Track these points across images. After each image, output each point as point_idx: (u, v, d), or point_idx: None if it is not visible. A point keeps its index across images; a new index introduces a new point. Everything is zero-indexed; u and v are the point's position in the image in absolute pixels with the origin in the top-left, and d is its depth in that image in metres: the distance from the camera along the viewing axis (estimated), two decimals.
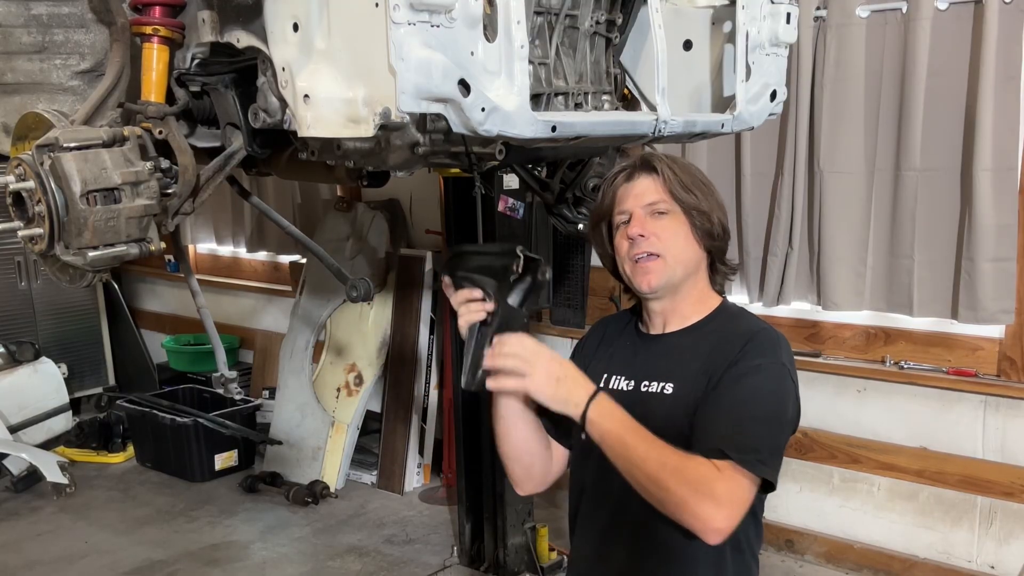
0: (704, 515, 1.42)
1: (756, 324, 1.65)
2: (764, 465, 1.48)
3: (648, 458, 1.46)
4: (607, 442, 1.48)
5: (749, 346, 1.57)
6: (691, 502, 1.43)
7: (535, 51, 1.75)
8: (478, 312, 1.55)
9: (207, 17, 1.67)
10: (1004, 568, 3.31)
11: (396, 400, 4.63)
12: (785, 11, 1.92)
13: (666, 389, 1.62)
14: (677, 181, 1.61)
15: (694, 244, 1.62)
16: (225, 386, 2.02)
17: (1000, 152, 3.04)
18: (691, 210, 1.61)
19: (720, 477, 1.44)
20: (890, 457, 3.48)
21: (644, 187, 1.62)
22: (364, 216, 4.73)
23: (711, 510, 1.42)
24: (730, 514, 1.44)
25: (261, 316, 5.69)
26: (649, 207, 1.61)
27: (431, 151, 1.56)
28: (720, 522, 1.43)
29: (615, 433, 1.48)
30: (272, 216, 2.26)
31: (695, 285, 1.66)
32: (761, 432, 1.50)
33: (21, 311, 5.58)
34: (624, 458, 1.47)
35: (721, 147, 3.58)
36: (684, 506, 1.43)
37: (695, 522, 1.43)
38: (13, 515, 4.42)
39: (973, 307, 3.17)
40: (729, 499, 1.44)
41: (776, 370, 1.57)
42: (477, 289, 1.56)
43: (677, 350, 1.65)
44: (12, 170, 1.59)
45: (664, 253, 1.60)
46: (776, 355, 1.58)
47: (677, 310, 1.66)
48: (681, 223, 1.61)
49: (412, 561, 3.89)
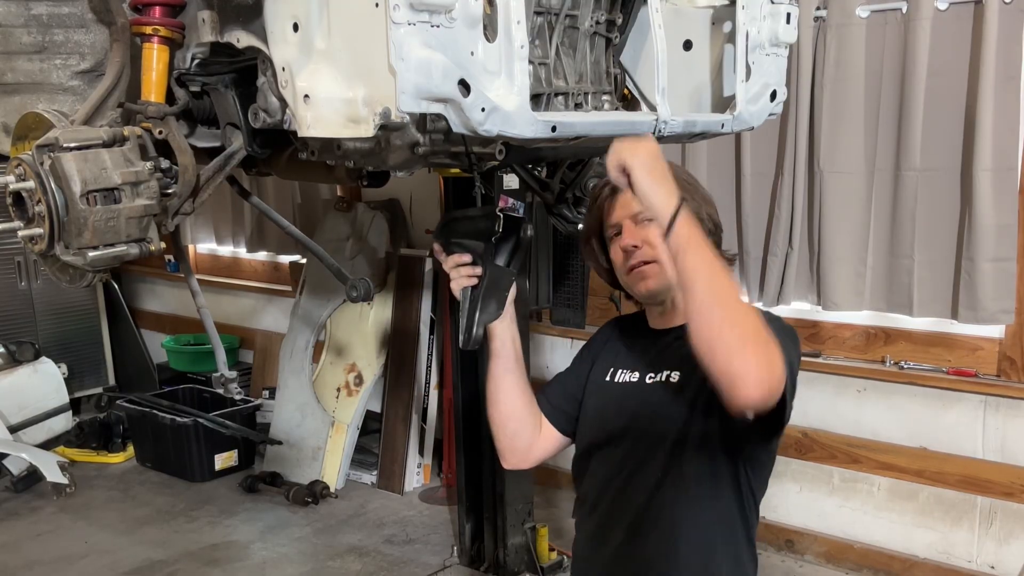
0: (762, 363, 1.33)
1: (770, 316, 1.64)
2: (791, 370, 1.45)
3: (729, 283, 1.39)
4: (690, 251, 1.37)
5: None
6: (755, 346, 1.33)
7: (535, 51, 1.75)
8: (468, 276, 1.61)
9: (207, 17, 1.67)
10: (1004, 568, 3.31)
11: (396, 400, 4.63)
12: (785, 11, 1.92)
13: (672, 377, 1.65)
14: None
15: None
16: (225, 386, 2.02)
17: (1000, 152, 3.05)
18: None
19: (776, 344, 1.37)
20: (890, 457, 3.48)
21: (628, 197, 1.61)
22: (364, 216, 4.73)
23: (766, 363, 1.34)
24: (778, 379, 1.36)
25: (261, 316, 5.69)
26: (637, 216, 1.65)
27: (431, 151, 1.56)
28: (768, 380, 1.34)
29: (701, 244, 1.38)
30: (272, 216, 2.25)
31: None
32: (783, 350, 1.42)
33: (21, 311, 5.58)
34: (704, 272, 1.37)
35: (721, 147, 3.58)
36: (746, 345, 1.33)
37: (750, 367, 1.32)
38: (13, 515, 4.42)
39: (973, 307, 3.17)
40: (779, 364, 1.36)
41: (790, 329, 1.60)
42: (466, 253, 1.62)
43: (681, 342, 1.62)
44: (12, 170, 1.59)
45: (659, 258, 1.63)
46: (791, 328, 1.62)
47: (679, 307, 1.69)
48: None
49: (412, 561, 3.89)
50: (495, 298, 1.63)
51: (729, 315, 1.35)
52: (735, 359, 1.33)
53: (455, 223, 1.68)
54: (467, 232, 1.64)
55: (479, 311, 1.62)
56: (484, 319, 1.63)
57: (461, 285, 1.62)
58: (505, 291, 1.64)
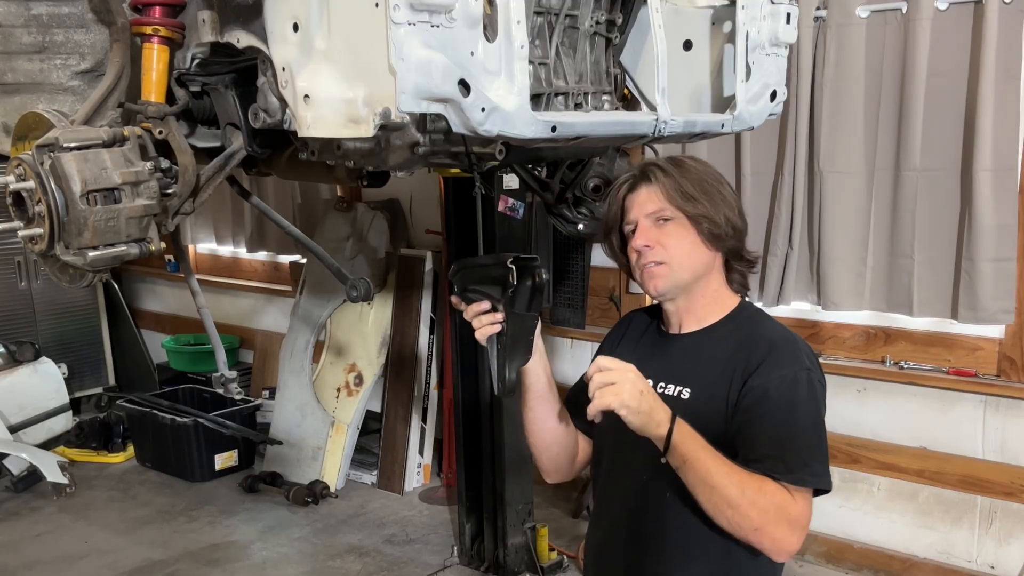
0: (781, 538, 1.50)
1: (773, 331, 1.66)
2: (817, 477, 1.54)
3: (729, 483, 1.48)
4: (689, 465, 1.49)
5: (771, 357, 1.58)
6: (769, 527, 1.49)
7: (535, 51, 1.75)
8: (492, 323, 1.60)
9: (207, 17, 1.67)
10: (1004, 568, 3.31)
11: (396, 400, 4.63)
12: (785, 11, 1.92)
13: (683, 394, 1.64)
14: (677, 189, 1.63)
15: (701, 248, 1.64)
16: (225, 386, 2.02)
17: (1000, 152, 3.04)
18: (695, 217, 1.63)
19: (793, 501, 1.50)
20: (890, 457, 3.48)
21: (646, 196, 1.64)
22: (364, 216, 4.73)
23: (787, 534, 1.50)
24: (802, 535, 1.52)
25: (261, 316, 5.69)
26: (652, 215, 1.64)
27: (431, 151, 1.57)
28: (794, 544, 1.51)
29: (697, 457, 1.49)
30: (272, 216, 2.26)
31: (708, 286, 1.68)
32: (808, 443, 1.55)
33: (21, 311, 5.58)
34: (704, 483, 1.49)
35: (721, 147, 3.58)
36: (762, 530, 1.49)
37: (771, 544, 1.50)
38: (13, 515, 4.42)
39: (973, 307, 3.17)
40: (801, 521, 1.51)
41: (802, 376, 1.58)
42: (485, 301, 1.61)
43: (694, 353, 1.68)
44: (12, 170, 1.59)
45: (669, 260, 1.63)
46: (799, 361, 1.60)
47: (691, 311, 1.69)
48: (686, 228, 1.63)
49: (412, 561, 3.89)
50: (522, 343, 1.63)
51: (742, 511, 1.48)
52: (753, 539, 1.50)
53: (468, 270, 1.66)
54: (481, 279, 1.63)
55: (508, 359, 1.61)
56: (516, 364, 1.63)
57: (486, 334, 1.61)
58: (531, 334, 1.63)
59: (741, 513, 1.48)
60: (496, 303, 1.60)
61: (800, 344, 1.64)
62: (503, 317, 1.60)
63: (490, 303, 1.61)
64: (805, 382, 1.58)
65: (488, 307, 1.61)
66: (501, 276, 1.59)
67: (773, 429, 1.54)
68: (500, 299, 1.60)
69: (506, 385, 1.62)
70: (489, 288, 1.61)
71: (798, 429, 1.55)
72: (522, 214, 3.48)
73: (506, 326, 1.60)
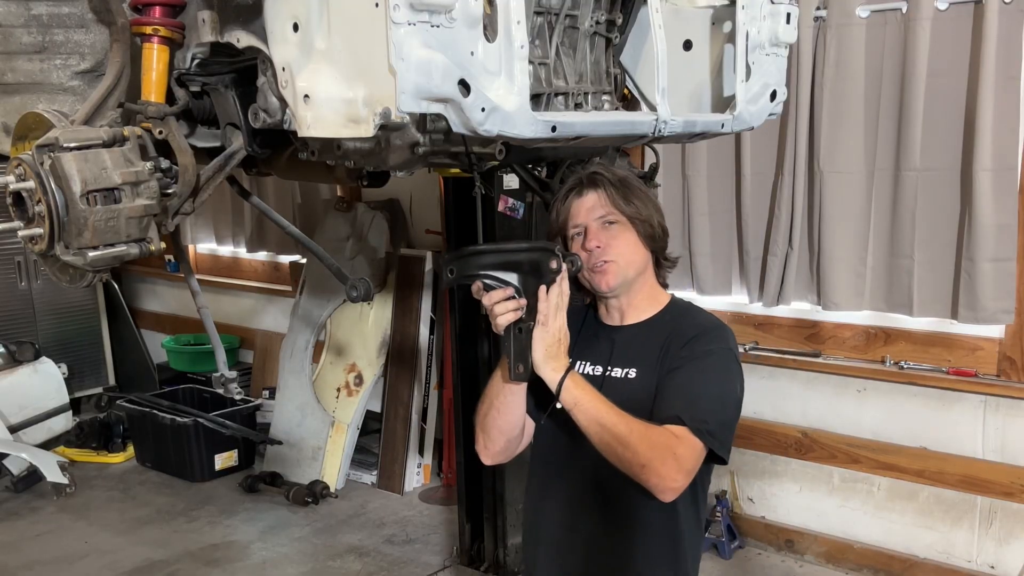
0: (665, 474, 1.62)
1: (705, 319, 1.87)
2: (712, 436, 1.67)
3: (619, 422, 1.63)
4: (580, 406, 1.65)
5: (699, 336, 1.79)
6: (656, 462, 1.62)
7: (535, 51, 1.75)
8: (516, 311, 1.67)
9: (207, 17, 1.67)
10: (1004, 568, 3.31)
11: (396, 400, 4.63)
12: (785, 11, 1.92)
13: (630, 374, 1.82)
14: (619, 194, 1.80)
15: (641, 247, 1.83)
16: (225, 386, 2.02)
17: (1000, 152, 3.04)
18: (634, 219, 1.81)
19: (679, 443, 1.64)
20: (890, 457, 3.48)
21: (593, 202, 1.81)
22: (364, 216, 4.73)
23: (672, 470, 1.63)
24: (686, 475, 1.65)
25: (261, 316, 5.69)
26: (600, 219, 1.81)
27: (431, 151, 1.57)
28: (678, 481, 1.64)
29: (589, 399, 1.65)
30: (272, 216, 2.25)
31: (646, 282, 1.87)
32: (712, 407, 1.70)
33: (21, 311, 5.58)
34: (594, 421, 1.64)
35: (721, 147, 3.58)
36: (648, 465, 1.62)
37: (657, 480, 1.62)
38: (13, 515, 4.42)
39: (973, 307, 3.17)
40: (686, 463, 1.65)
41: (724, 355, 1.78)
42: (509, 288, 1.66)
43: (637, 340, 1.85)
44: (12, 170, 1.59)
45: (617, 259, 1.80)
46: (725, 342, 1.80)
47: (632, 304, 1.86)
48: (628, 230, 1.81)
49: (412, 561, 3.89)
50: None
51: (624, 450, 1.62)
52: (641, 475, 1.63)
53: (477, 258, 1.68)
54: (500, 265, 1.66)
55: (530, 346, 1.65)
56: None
57: (509, 320, 1.67)
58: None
59: (631, 449, 1.61)
60: (518, 290, 1.65)
61: (727, 331, 1.83)
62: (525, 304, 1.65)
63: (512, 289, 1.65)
64: (724, 360, 1.77)
65: (512, 293, 1.65)
66: (531, 263, 1.64)
67: (689, 387, 1.72)
68: (520, 286, 1.64)
69: (526, 370, 1.67)
70: (508, 274, 1.65)
71: (705, 392, 1.72)
72: (522, 214, 3.48)
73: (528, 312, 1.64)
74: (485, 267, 1.66)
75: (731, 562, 3.74)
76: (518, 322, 1.66)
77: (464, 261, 1.68)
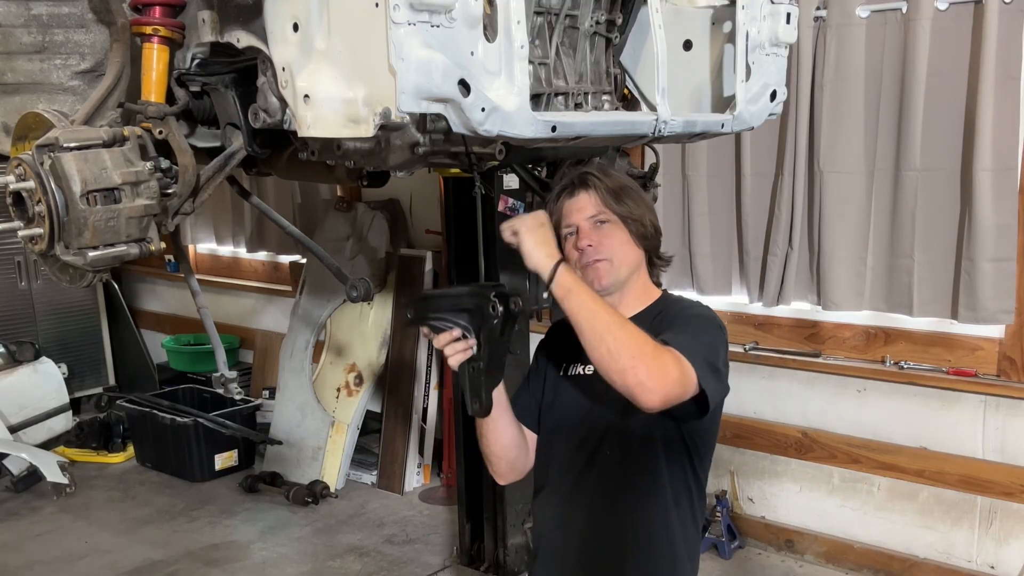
0: (653, 373, 1.54)
1: (693, 304, 1.90)
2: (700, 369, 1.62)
3: (612, 314, 1.61)
4: (574, 293, 1.63)
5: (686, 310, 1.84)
6: (644, 359, 1.55)
7: (535, 51, 1.75)
8: (465, 351, 1.70)
9: (207, 17, 1.67)
10: (1004, 568, 3.31)
11: (396, 400, 4.63)
12: (785, 11, 1.92)
13: None
14: (611, 194, 1.82)
15: (633, 246, 1.84)
16: (225, 386, 2.02)
17: (1000, 152, 3.04)
18: (626, 218, 1.82)
19: (669, 353, 1.59)
20: (890, 457, 3.48)
21: (585, 201, 1.82)
22: (364, 216, 4.73)
23: (657, 372, 1.55)
24: (671, 385, 1.56)
25: (261, 316, 5.69)
26: (592, 219, 1.82)
27: (431, 151, 1.57)
28: (664, 386, 1.55)
29: (582, 289, 1.64)
30: (272, 216, 2.25)
31: (638, 280, 1.88)
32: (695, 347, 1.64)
33: (21, 311, 5.58)
34: (586, 308, 1.61)
35: (721, 147, 3.58)
36: (636, 362, 1.54)
37: (644, 377, 1.54)
38: (13, 515, 4.42)
39: (973, 307, 3.17)
40: (672, 373, 1.56)
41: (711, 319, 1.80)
42: (456, 329, 1.69)
43: None
44: (12, 170, 1.59)
45: (610, 257, 1.81)
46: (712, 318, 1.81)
47: (624, 302, 1.85)
48: (620, 229, 1.83)
49: (412, 561, 3.89)
50: (496, 366, 1.73)
51: (614, 342, 1.56)
52: (627, 377, 1.55)
53: (431, 301, 1.75)
54: (450, 308, 1.70)
55: (486, 382, 1.71)
56: (491, 386, 1.73)
57: (459, 361, 1.70)
58: (503, 358, 1.73)
59: (620, 343, 1.55)
60: (466, 331, 1.68)
61: (715, 315, 1.84)
62: (474, 343, 1.68)
63: (460, 331, 1.69)
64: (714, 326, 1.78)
65: (459, 335, 1.69)
66: (476, 306, 1.68)
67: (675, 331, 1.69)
68: (469, 327, 1.68)
69: (483, 406, 1.73)
70: (458, 316, 1.69)
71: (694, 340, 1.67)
72: (522, 214, 3.48)
73: (480, 352, 1.69)
74: (436, 310, 1.71)
75: (731, 562, 3.74)
76: (471, 360, 1.70)
77: (419, 304, 1.74)
